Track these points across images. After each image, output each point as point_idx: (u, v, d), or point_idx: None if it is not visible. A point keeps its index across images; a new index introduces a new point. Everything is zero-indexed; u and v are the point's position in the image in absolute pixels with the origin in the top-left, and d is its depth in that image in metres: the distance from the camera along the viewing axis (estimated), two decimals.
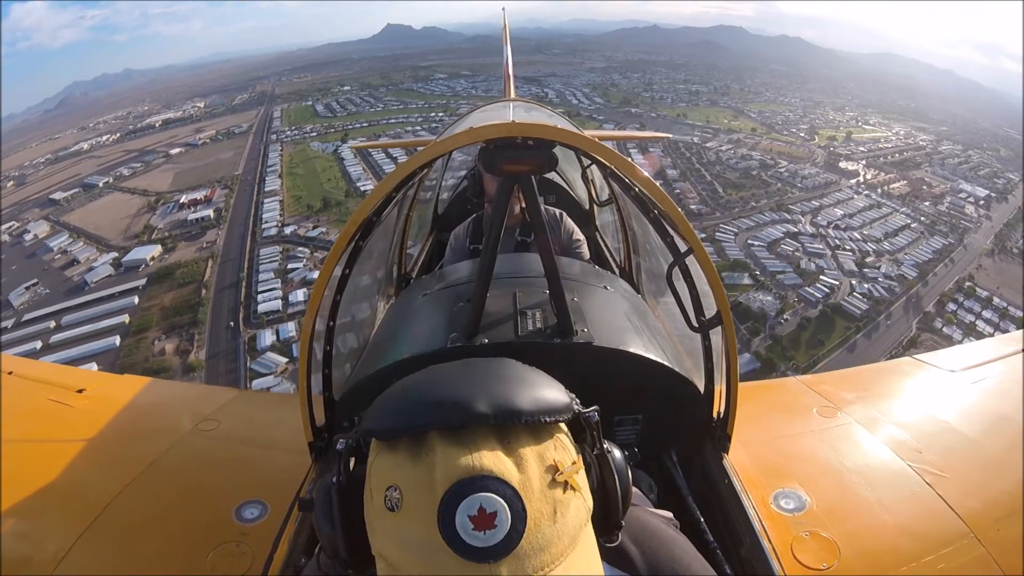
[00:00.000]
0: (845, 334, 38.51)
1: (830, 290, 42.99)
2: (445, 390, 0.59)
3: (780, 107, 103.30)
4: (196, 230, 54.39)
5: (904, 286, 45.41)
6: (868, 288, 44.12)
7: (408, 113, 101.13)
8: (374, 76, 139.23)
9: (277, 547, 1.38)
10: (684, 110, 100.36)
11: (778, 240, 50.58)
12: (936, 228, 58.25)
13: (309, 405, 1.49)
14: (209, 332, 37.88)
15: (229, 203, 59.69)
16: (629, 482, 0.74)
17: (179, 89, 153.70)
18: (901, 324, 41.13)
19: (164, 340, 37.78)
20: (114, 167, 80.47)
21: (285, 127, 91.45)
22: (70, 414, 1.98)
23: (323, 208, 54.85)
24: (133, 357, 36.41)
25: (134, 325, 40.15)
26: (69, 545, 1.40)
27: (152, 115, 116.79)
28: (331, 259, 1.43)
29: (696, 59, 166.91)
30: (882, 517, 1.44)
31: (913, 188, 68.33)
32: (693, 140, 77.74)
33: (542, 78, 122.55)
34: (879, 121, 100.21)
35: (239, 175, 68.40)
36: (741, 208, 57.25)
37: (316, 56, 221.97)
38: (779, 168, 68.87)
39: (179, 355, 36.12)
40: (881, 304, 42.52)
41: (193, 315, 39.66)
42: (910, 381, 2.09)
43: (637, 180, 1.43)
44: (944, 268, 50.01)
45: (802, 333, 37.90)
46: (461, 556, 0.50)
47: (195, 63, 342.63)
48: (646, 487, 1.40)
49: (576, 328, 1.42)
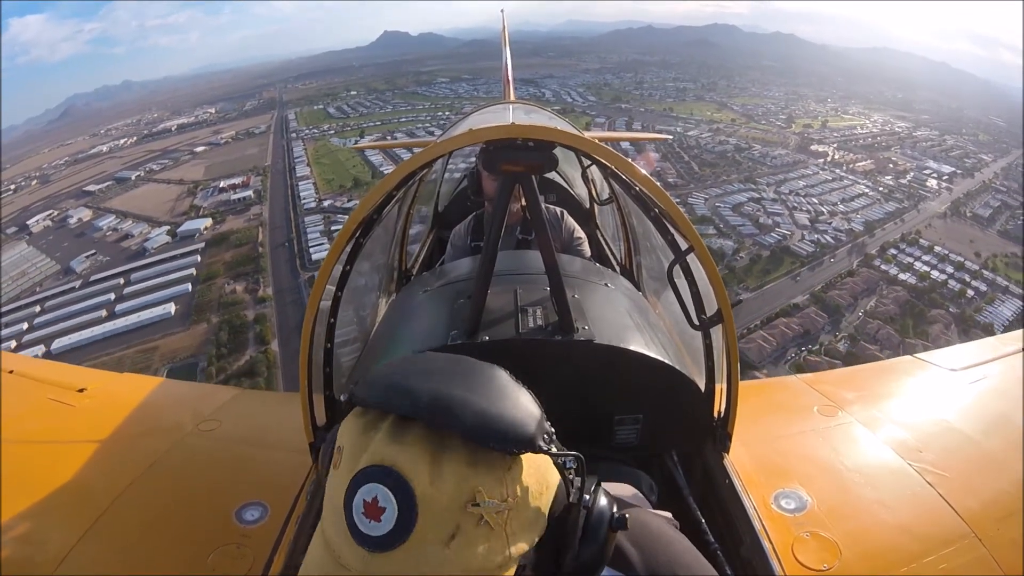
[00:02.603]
0: (791, 268, 49.80)
1: (782, 237, 54.39)
2: (411, 379, 0.61)
3: (763, 100, 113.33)
4: (240, 207, 65.90)
5: (851, 236, 56.64)
6: (817, 237, 55.49)
7: (416, 113, 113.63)
8: (378, 81, 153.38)
9: (278, 549, 1.45)
10: (671, 104, 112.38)
11: (742, 204, 62.04)
12: (893, 196, 68.06)
13: (310, 405, 1.55)
14: (272, 275, 49.19)
15: (266, 186, 71.47)
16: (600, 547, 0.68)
17: (183, 98, 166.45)
18: (843, 263, 52.27)
19: (233, 284, 48.99)
20: (142, 163, 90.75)
21: (302, 127, 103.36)
22: (71, 413, 2.07)
23: (354, 186, 66.44)
24: (207, 297, 47.55)
25: (202, 275, 51.35)
26: (70, 546, 1.46)
27: (164, 121, 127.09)
28: (332, 256, 1.50)
29: (688, 58, 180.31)
30: (883, 517, 1.50)
31: (879, 166, 77.60)
32: (676, 130, 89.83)
33: (539, 79, 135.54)
34: (859, 111, 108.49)
35: (268, 165, 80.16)
36: (713, 181, 68.94)
37: (316, 64, 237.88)
38: (752, 151, 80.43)
39: (249, 293, 47.28)
40: (827, 248, 53.80)
41: (254, 265, 51.03)
42: (911, 380, 2.17)
43: (637, 179, 1.52)
44: (894, 226, 60.38)
45: (754, 266, 49.33)
46: (349, 532, 0.55)
47: (194, 73, 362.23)
48: (646, 487, 1.46)
49: (577, 325, 1.49)
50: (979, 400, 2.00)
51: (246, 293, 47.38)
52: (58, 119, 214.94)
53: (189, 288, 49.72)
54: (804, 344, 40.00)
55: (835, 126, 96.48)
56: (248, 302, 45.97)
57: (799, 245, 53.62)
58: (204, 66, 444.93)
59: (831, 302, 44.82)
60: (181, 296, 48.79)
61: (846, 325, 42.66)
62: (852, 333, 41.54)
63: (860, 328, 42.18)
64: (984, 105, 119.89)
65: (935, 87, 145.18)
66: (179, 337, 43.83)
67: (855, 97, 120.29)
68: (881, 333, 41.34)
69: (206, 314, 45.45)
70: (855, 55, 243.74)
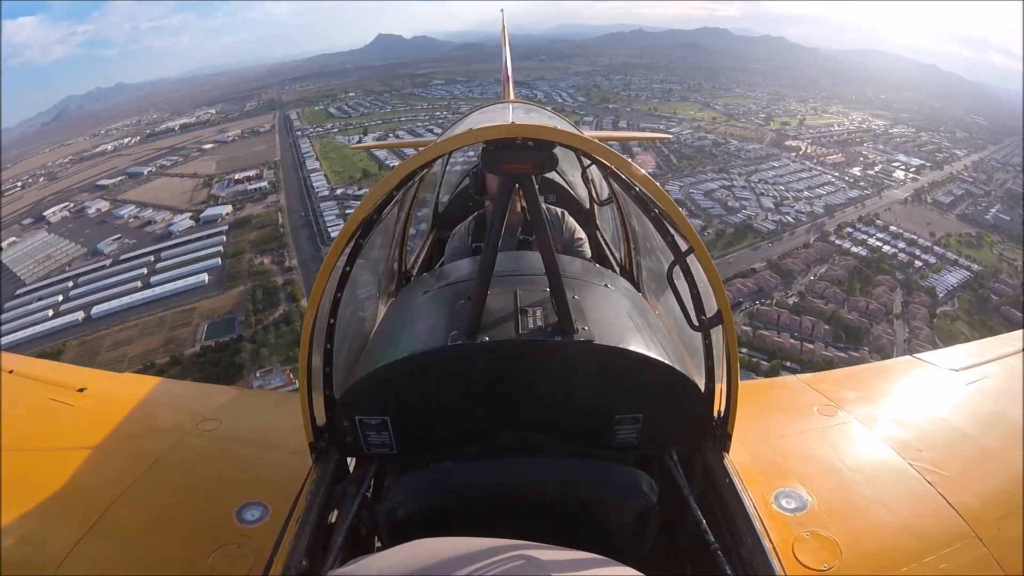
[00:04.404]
0: (753, 241, 58.91)
1: (747, 218, 63.56)
2: None
3: (746, 100, 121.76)
4: (257, 196, 74.44)
5: (812, 218, 65.65)
6: (780, 218, 64.68)
7: (415, 113, 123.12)
8: (375, 83, 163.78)
9: (278, 549, 1.48)
10: (656, 105, 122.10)
11: (714, 190, 71.48)
12: (857, 185, 74.96)
13: (310, 405, 1.62)
14: (295, 249, 57.66)
15: (279, 177, 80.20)
16: None
17: (180, 100, 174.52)
18: (801, 238, 61.36)
19: (260, 257, 57.29)
20: (152, 159, 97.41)
21: (306, 125, 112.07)
22: (71, 414, 2.13)
23: (363, 177, 75.21)
24: (238, 268, 55.77)
25: (230, 251, 59.58)
26: (70, 546, 1.51)
27: (165, 121, 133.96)
28: (332, 256, 1.56)
29: (677, 61, 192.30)
30: (883, 516, 1.56)
31: (849, 159, 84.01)
32: (659, 127, 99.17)
33: (531, 82, 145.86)
34: (838, 110, 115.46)
35: (279, 160, 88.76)
36: (689, 172, 78.44)
37: (311, 67, 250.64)
38: (728, 146, 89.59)
39: (275, 264, 55.59)
40: (788, 227, 62.96)
41: (278, 243, 59.49)
42: (911, 380, 2.27)
43: (636, 179, 1.58)
44: (854, 210, 68.06)
45: (718, 240, 58.52)
46: None
47: (188, 76, 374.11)
48: (646, 487, 1.49)
49: (577, 326, 1.55)
50: (978, 400, 2.09)
51: (273, 264, 55.87)
52: (52, 121, 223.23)
53: (219, 262, 58.03)
54: (758, 298, 48.89)
55: (812, 124, 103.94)
56: (276, 271, 54.42)
57: (762, 224, 62.96)
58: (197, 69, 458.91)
59: (785, 267, 53.90)
60: (212, 269, 56.99)
61: (796, 285, 51.58)
62: (801, 291, 50.40)
63: (809, 287, 51.07)
64: (968, 105, 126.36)
65: (920, 88, 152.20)
66: (215, 300, 52.02)
67: (837, 98, 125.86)
68: (828, 291, 50.20)
69: (238, 281, 53.59)
70: (844, 57, 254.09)
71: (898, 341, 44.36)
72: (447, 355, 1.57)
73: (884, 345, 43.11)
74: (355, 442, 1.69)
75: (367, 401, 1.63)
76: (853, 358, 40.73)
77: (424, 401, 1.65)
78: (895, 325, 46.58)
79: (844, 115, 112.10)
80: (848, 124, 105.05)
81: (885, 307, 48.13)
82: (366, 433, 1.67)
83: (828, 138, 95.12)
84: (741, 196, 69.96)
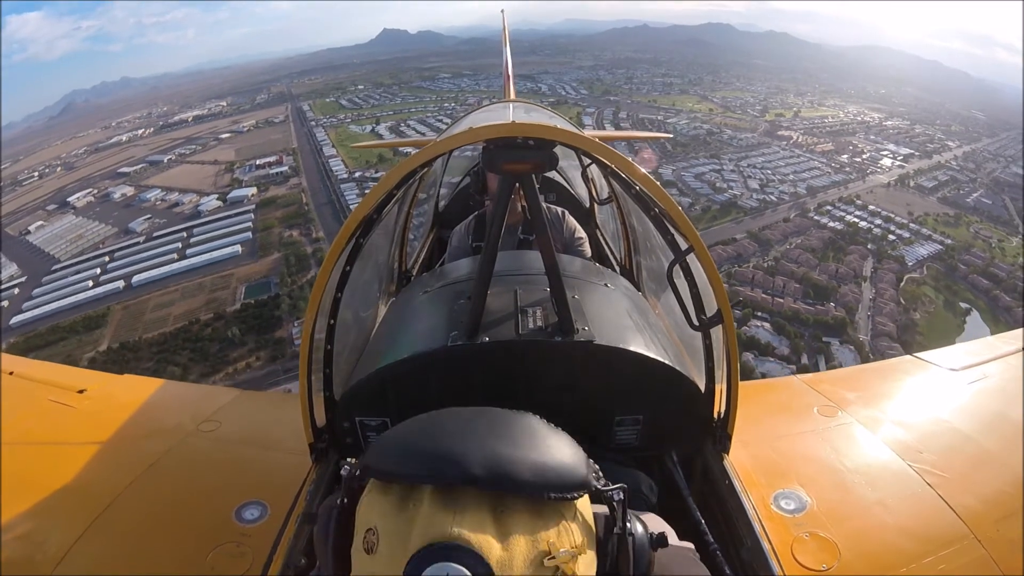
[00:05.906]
0: (736, 216, 66.41)
1: (732, 196, 71.03)
2: (447, 442, 0.62)
3: (744, 93, 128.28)
4: (279, 179, 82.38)
5: (794, 197, 72.85)
6: (764, 197, 72.12)
7: (424, 104, 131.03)
8: (383, 76, 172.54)
9: (277, 548, 1.52)
10: (656, 97, 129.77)
11: (704, 173, 79.08)
12: (843, 171, 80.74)
13: (310, 405, 1.66)
14: (321, 224, 65.52)
15: (299, 162, 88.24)
16: (645, 570, 0.77)
17: (189, 93, 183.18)
18: (782, 214, 68.66)
19: (289, 231, 65.04)
20: (170, 149, 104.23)
21: (319, 116, 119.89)
22: (71, 414, 2.18)
23: (379, 161, 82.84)
24: (268, 239, 63.48)
25: (259, 226, 67.31)
26: (69, 545, 1.55)
27: (176, 114, 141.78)
28: (332, 256, 1.58)
29: (680, 56, 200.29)
30: (883, 518, 1.59)
31: (839, 148, 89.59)
32: (657, 118, 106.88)
33: (536, 75, 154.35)
34: (835, 103, 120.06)
35: (296, 147, 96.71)
36: (683, 157, 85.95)
37: (317, 61, 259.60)
38: (722, 134, 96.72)
39: (304, 236, 63.36)
40: (770, 204, 70.34)
41: (304, 219, 67.31)
42: (911, 380, 2.31)
43: (637, 178, 1.62)
44: (836, 191, 74.34)
45: (704, 215, 66.11)
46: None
47: (192, 70, 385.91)
48: (646, 488, 1.54)
49: (577, 326, 1.58)
50: (979, 400, 2.13)
51: (301, 236, 63.62)
52: (58, 115, 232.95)
53: (250, 235, 65.88)
54: (736, 263, 56.30)
55: (807, 116, 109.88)
56: (304, 242, 62.30)
57: (746, 202, 70.54)
58: (201, 63, 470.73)
59: (763, 237, 61.31)
60: (244, 241, 64.79)
61: (773, 252, 58.92)
62: (777, 256, 57.68)
63: (784, 254, 58.36)
64: (968, 101, 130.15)
65: (922, 84, 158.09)
66: (250, 267, 59.77)
67: (836, 92, 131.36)
68: (802, 257, 57.37)
69: (270, 250, 61.17)
70: (848, 53, 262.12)
71: (864, 300, 51.40)
72: (447, 355, 1.62)
73: (849, 302, 50.24)
74: (355, 443, 1.75)
75: (367, 402, 1.69)
76: (819, 310, 47.96)
77: (424, 402, 1.49)
78: (863, 287, 53.56)
79: (840, 108, 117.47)
80: (843, 116, 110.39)
81: (854, 271, 55.22)
82: (366, 434, 1.73)
83: (821, 129, 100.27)
84: (729, 179, 77.52)
